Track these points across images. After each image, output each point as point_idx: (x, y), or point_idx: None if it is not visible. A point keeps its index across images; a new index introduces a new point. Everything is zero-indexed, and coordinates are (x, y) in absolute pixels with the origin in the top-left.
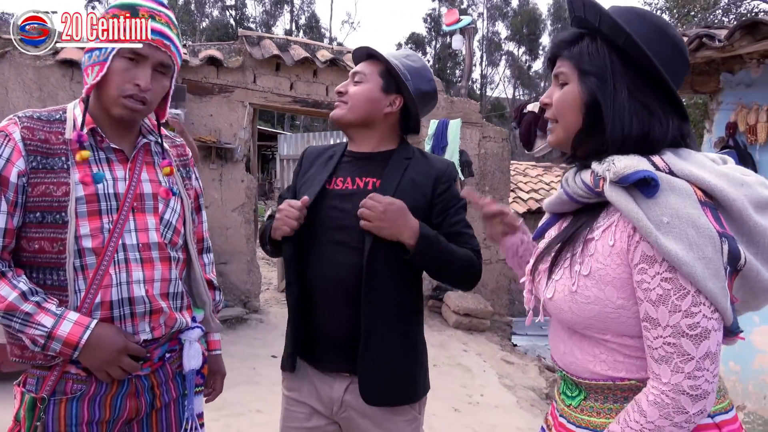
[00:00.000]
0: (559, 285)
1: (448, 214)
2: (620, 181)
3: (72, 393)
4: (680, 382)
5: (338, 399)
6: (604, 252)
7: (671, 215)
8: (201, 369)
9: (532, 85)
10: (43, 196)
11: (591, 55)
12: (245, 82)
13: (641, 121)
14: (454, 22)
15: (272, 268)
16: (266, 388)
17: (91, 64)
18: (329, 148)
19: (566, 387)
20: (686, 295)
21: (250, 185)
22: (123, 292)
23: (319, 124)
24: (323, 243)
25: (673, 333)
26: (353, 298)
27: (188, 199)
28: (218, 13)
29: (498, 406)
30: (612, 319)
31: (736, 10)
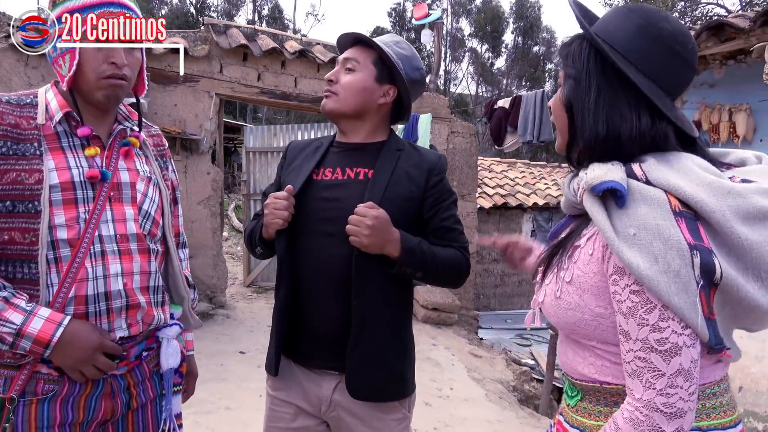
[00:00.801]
0: (548, 290)
1: (440, 208)
2: (592, 191)
3: (43, 394)
4: (652, 399)
5: (327, 398)
6: (584, 260)
7: (638, 227)
8: (179, 368)
9: (494, 82)
10: (14, 184)
11: (574, 57)
12: (211, 71)
13: (607, 121)
14: (424, 16)
15: (237, 262)
16: (235, 385)
17: (59, 54)
18: (315, 141)
19: (568, 387)
20: (653, 309)
21: (217, 178)
22: (99, 286)
23: (281, 116)
24: (313, 235)
25: (643, 347)
26: (344, 291)
27: (167, 190)
28: (178, 1)
29: (467, 399)
30: (592, 327)
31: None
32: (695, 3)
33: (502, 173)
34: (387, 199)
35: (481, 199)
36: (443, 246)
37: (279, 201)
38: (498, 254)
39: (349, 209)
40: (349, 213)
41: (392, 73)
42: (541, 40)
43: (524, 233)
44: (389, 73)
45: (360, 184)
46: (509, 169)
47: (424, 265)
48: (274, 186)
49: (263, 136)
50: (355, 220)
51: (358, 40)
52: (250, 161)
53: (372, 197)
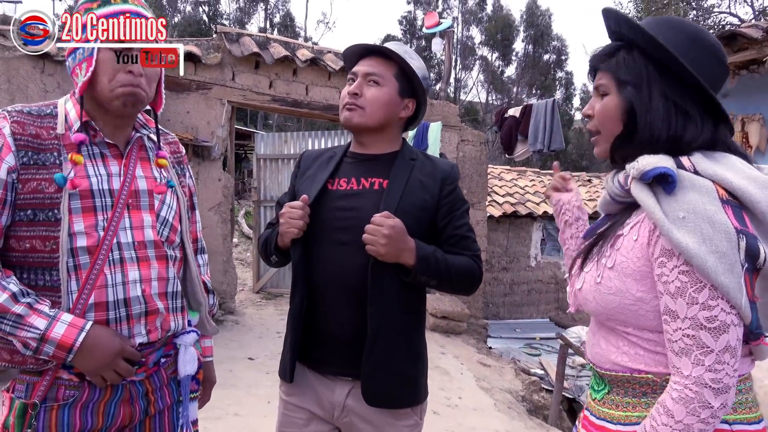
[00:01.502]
0: (588, 277)
1: (454, 216)
2: (641, 177)
3: (64, 399)
4: (701, 375)
5: (340, 403)
6: (627, 246)
7: (687, 210)
8: (196, 374)
9: (504, 90)
10: (35, 193)
11: (627, 65)
12: (224, 79)
13: (675, 124)
14: (434, 25)
15: (246, 268)
16: (244, 391)
17: (77, 63)
18: (328, 150)
19: (594, 381)
20: (703, 288)
21: (228, 184)
22: (119, 293)
23: (292, 123)
24: (328, 244)
25: (692, 325)
26: (359, 298)
27: (184, 196)
28: (191, 9)
29: (476, 409)
30: (632, 311)
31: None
32: (708, 12)
33: (512, 181)
34: (402, 209)
35: (491, 207)
36: (456, 254)
37: (294, 210)
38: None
39: (364, 218)
40: (364, 222)
41: (413, 86)
42: (551, 49)
43: (534, 242)
44: (410, 87)
45: (375, 194)
46: (519, 177)
47: (438, 273)
48: (289, 195)
49: (274, 143)
50: (372, 229)
51: (375, 51)
52: (260, 168)
53: (387, 207)
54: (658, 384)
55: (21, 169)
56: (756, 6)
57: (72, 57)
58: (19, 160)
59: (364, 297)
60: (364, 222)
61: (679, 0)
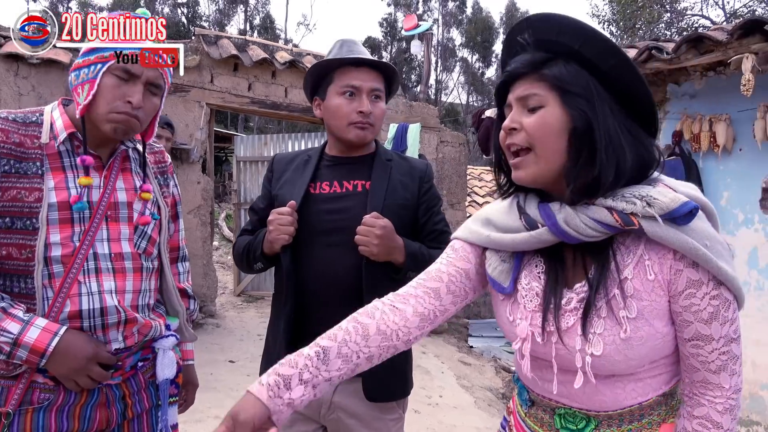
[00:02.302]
0: (606, 338)
1: (433, 212)
2: (668, 215)
3: (39, 403)
4: (737, 382)
5: (327, 401)
6: (645, 288)
7: (707, 237)
8: (175, 378)
9: (485, 92)
10: (14, 201)
11: (571, 75)
12: (202, 81)
13: (632, 145)
14: (413, 27)
15: (227, 272)
16: (224, 394)
17: (80, 83)
18: (301, 153)
19: (566, 421)
20: (729, 305)
21: (207, 187)
22: (94, 302)
23: (273, 126)
24: (318, 246)
25: (726, 342)
26: (351, 297)
27: (166, 207)
28: (169, 11)
29: (457, 407)
30: (660, 348)
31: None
32: (681, 15)
33: (492, 182)
34: (386, 208)
35: (470, 208)
36: (437, 248)
37: (284, 217)
38: None
39: (353, 219)
40: (353, 223)
41: (391, 92)
42: None
43: None
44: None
45: (360, 196)
46: None
47: (421, 262)
48: (264, 200)
49: (254, 146)
50: (364, 230)
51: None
52: (240, 170)
53: (374, 207)
54: (657, 401)
55: (2, 177)
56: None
57: (76, 74)
58: (1, 168)
59: (357, 296)
60: (353, 223)
61: (653, 2)
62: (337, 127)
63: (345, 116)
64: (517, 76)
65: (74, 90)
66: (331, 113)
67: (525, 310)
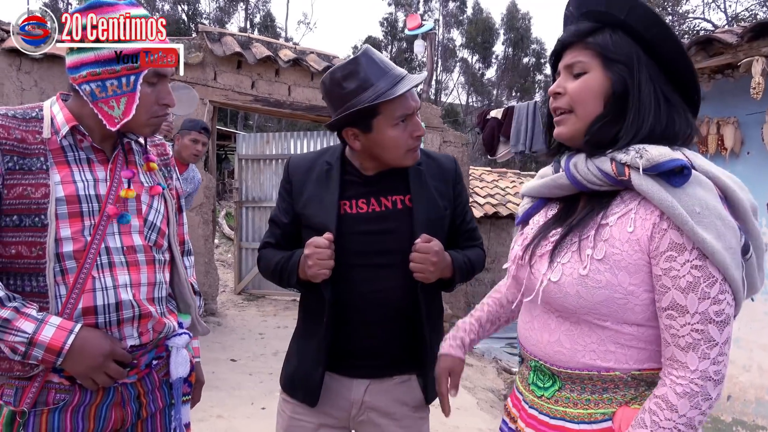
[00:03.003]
0: (567, 268)
1: (465, 212)
2: (652, 169)
3: (54, 403)
4: (707, 369)
5: (358, 401)
6: (621, 238)
7: (701, 206)
8: (188, 377)
9: (485, 93)
10: (21, 198)
11: (615, 44)
12: (205, 79)
13: (665, 113)
14: (416, 27)
15: (228, 270)
16: (226, 393)
17: (111, 96)
18: (318, 160)
19: (537, 378)
20: (714, 283)
21: (209, 185)
22: (109, 297)
23: (272, 124)
24: (364, 268)
25: (701, 320)
26: (404, 317)
27: (172, 199)
28: (170, 8)
29: (459, 408)
30: (619, 305)
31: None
32: (683, 18)
33: (493, 183)
34: (431, 223)
35: (472, 208)
36: (471, 246)
37: (322, 251)
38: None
39: (398, 241)
40: (399, 245)
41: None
42: (531, 52)
43: None
44: None
45: (402, 214)
46: (500, 178)
47: (468, 275)
48: (286, 214)
49: (256, 144)
50: (420, 258)
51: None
52: (242, 168)
53: (422, 228)
54: (623, 380)
55: (6, 174)
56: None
57: (98, 86)
58: (5, 165)
59: (409, 315)
60: (398, 245)
61: (655, 6)
62: (393, 157)
63: (403, 146)
64: (566, 46)
65: (103, 103)
66: (385, 145)
67: (524, 239)
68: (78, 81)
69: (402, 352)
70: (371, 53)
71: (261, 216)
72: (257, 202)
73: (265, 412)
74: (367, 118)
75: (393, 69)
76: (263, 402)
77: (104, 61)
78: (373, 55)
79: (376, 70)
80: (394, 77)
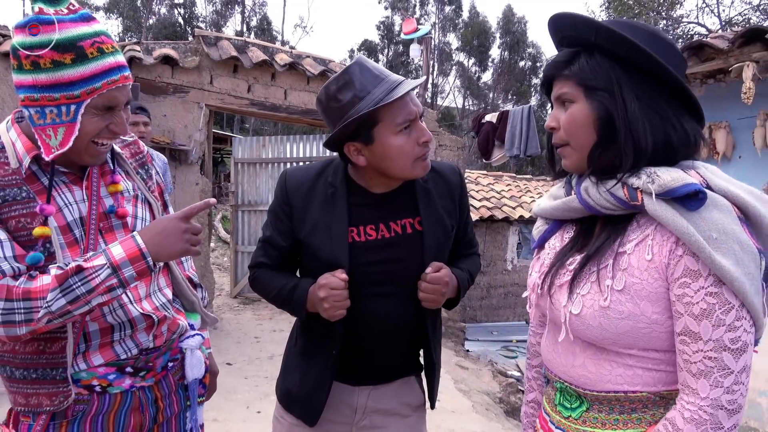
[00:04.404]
0: (587, 300)
1: (467, 223)
2: (665, 194)
3: (73, 415)
4: (719, 397)
5: (362, 405)
6: (640, 266)
7: (718, 231)
8: (203, 378)
9: (481, 96)
10: (19, 231)
11: (593, 70)
12: (201, 82)
13: (656, 128)
14: (413, 31)
15: (223, 273)
16: (222, 396)
17: (50, 124)
18: (319, 180)
19: (564, 399)
20: (731, 310)
21: (205, 188)
22: (119, 316)
23: (269, 127)
24: (371, 297)
25: (715, 347)
26: (412, 334)
27: (156, 201)
28: (166, 11)
29: (454, 411)
30: (643, 334)
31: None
32: (677, 22)
33: (488, 186)
34: (439, 247)
35: None
36: (469, 255)
37: (338, 292)
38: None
39: (408, 270)
40: (410, 273)
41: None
42: (527, 55)
43: (510, 246)
44: None
45: (412, 240)
46: (496, 182)
47: (467, 288)
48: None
49: (252, 147)
50: (431, 288)
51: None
52: (238, 172)
53: (432, 254)
54: (651, 399)
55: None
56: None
57: (38, 112)
58: None
59: (415, 332)
60: (410, 273)
61: (649, 10)
62: (400, 168)
63: (410, 154)
64: (552, 77)
65: (41, 130)
66: (390, 155)
67: (541, 265)
68: (20, 103)
69: (405, 362)
70: (364, 62)
71: (257, 219)
72: (253, 205)
73: (261, 415)
74: (367, 128)
75: (389, 76)
76: (258, 406)
77: (42, 87)
78: (366, 63)
79: (371, 78)
80: (390, 83)
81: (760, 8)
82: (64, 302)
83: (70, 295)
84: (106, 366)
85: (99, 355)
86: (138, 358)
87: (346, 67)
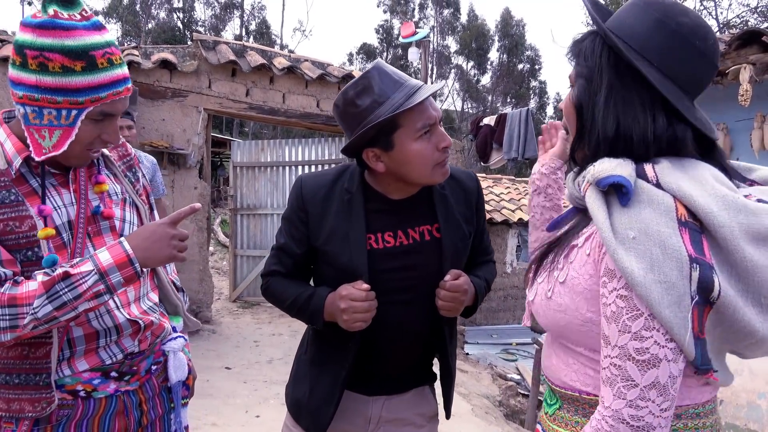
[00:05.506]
0: (540, 289)
1: (483, 230)
2: (596, 184)
3: (57, 420)
4: (620, 409)
5: (376, 416)
6: (580, 260)
7: (639, 230)
8: (186, 380)
9: (480, 99)
10: (7, 235)
11: (586, 55)
12: (200, 86)
13: (617, 121)
14: (411, 34)
15: (222, 277)
16: (221, 401)
17: (46, 125)
18: (336, 186)
19: (548, 394)
20: (638, 317)
21: (204, 192)
22: (105, 321)
23: (268, 131)
24: (388, 304)
25: (620, 354)
26: (428, 342)
27: (144, 205)
28: (165, 15)
29: (454, 414)
30: (581, 332)
31: None
32: None
33: (487, 189)
34: (457, 254)
35: None
36: (486, 262)
37: (360, 304)
38: None
39: (426, 276)
40: (428, 281)
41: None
42: (525, 58)
43: (510, 249)
44: None
45: (430, 247)
46: (494, 185)
47: (484, 296)
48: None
49: (251, 151)
50: (450, 297)
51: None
52: (237, 176)
53: (450, 261)
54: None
55: None
56: (720, 19)
57: (35, 111)
58: None
59: (431, 339)
60: (428, 280)
61: None
62: (420, 173)
63: (430, 160)
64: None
65: (35, 129)
66: (410, 161)
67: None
68: (15, 99)
69: (420, 371)
70: (383, 66)
71: (256, 223)
72: (252, 209)
73: (260, 420)
74: (387, 134)
75: (408, 80)
76: (258, 410)
77: (45, 88)
78: (385, 67)
79: (390, 83)
80: (410, 88)
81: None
82: (50, 308)
83: (57, 301)
84: (90, 371)
85: (84, 360)
86: (123, 362)
87: (365, 71)
